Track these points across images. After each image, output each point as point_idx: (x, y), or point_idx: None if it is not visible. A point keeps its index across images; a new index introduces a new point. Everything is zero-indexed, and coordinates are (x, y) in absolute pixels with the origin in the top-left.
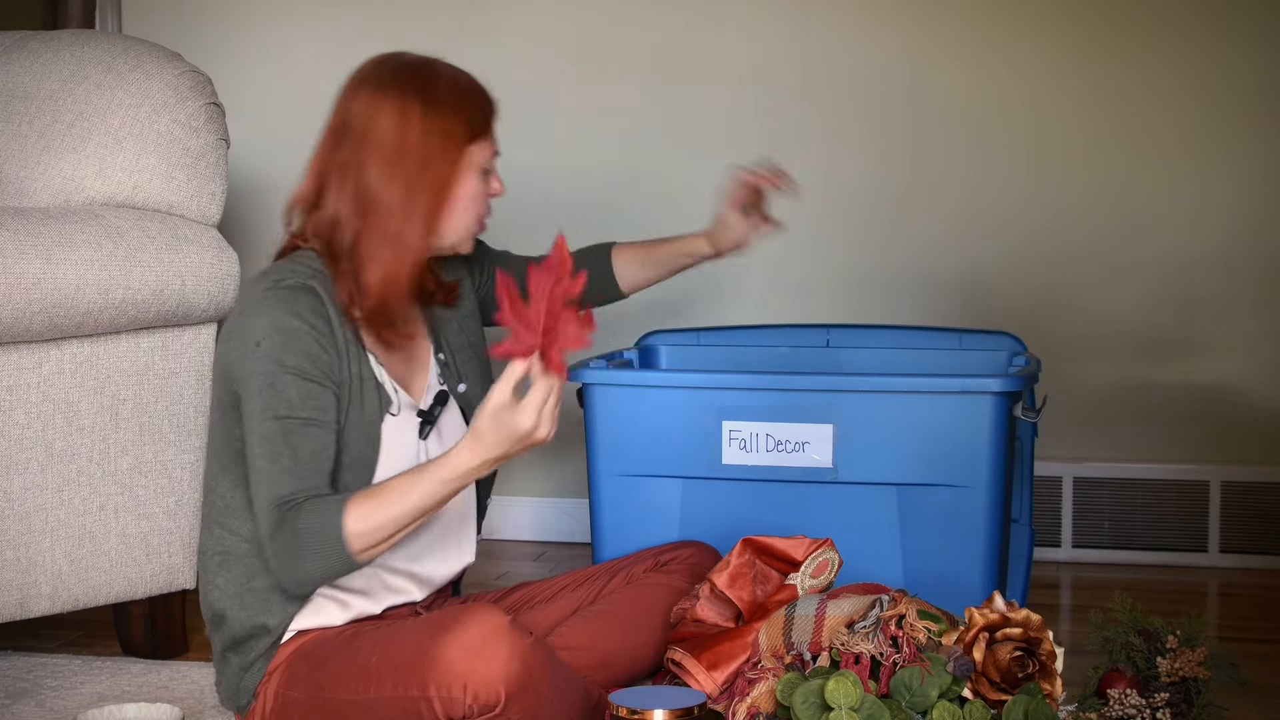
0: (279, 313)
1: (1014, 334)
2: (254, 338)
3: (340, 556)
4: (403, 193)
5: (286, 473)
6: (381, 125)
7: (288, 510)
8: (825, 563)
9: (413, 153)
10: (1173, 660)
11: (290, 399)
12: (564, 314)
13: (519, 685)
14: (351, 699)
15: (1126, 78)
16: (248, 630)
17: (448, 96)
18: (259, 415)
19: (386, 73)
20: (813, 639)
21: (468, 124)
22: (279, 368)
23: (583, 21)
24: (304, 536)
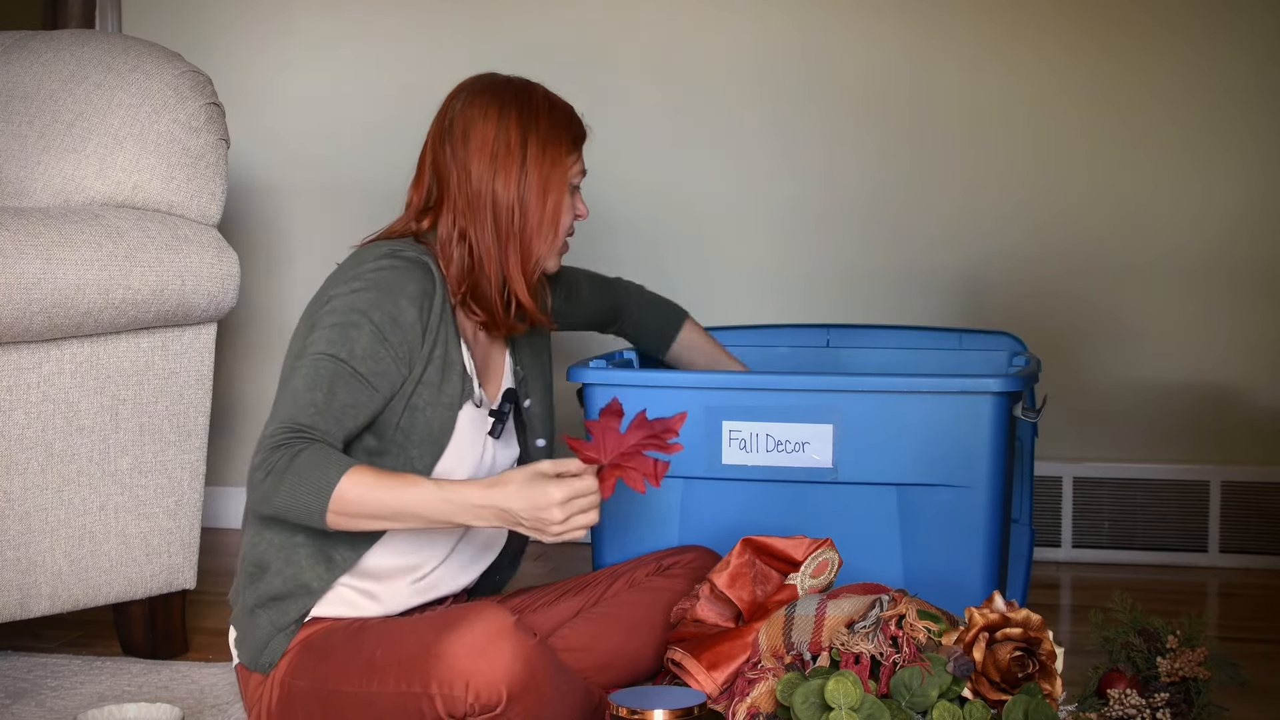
0: (389, 274)
1: (1014, 334)
2: (354, 282)
3: (315, 506)
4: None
5: (314, 406)
6: (486, 129)
7: (297, 438)
8: (825, 563)
9: (516, 155)
10: (1173, 660)
11: (354, 349)
12: (641, 458)
13: (521, 686)
14: (354, 691)
15: (1127, 78)
16: (290, 587)
17: (544, 110)
18: (320, 345)
19: (484, 84)
20: (813, 639)
21: (565, 135)
22: (362, 316)
23: (584, 22)
24: (297, 468)
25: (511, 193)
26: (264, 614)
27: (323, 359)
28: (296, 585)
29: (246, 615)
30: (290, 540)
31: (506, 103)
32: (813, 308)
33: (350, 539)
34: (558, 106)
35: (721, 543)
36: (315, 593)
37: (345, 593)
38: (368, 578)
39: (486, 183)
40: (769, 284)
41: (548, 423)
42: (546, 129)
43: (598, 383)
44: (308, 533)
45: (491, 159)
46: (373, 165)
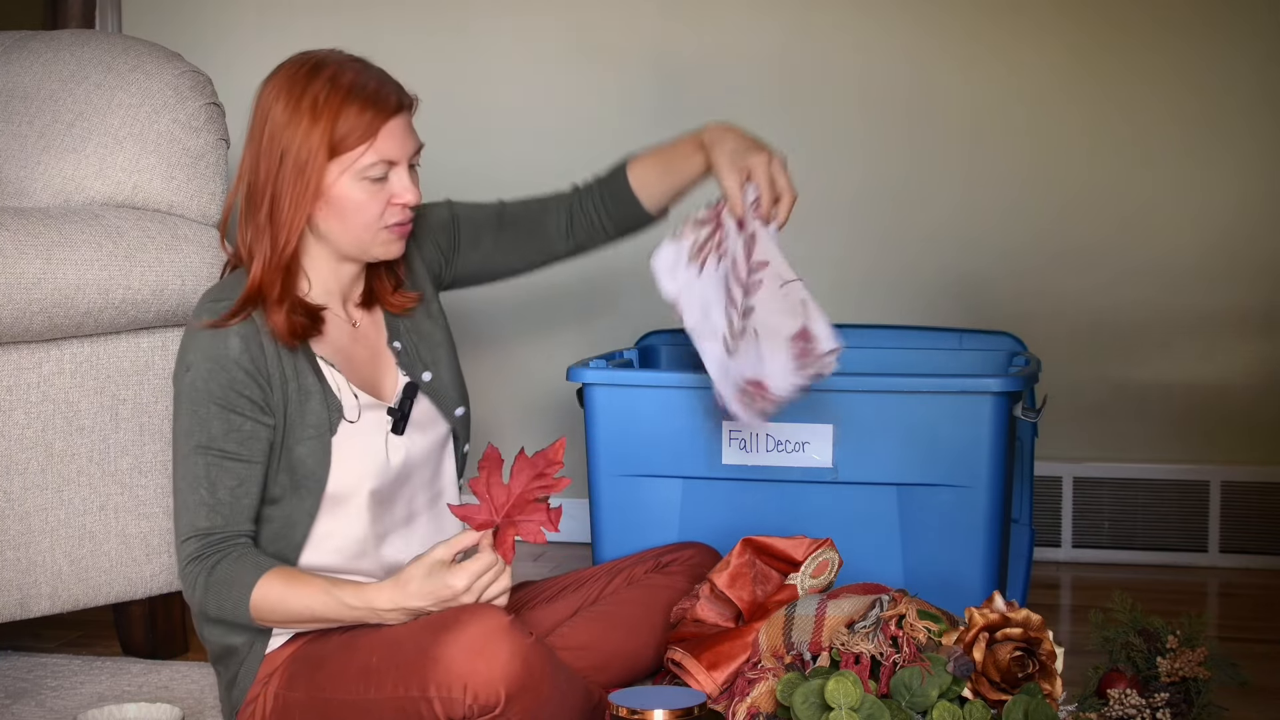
0: (209, 339)
1: (1014, 334)
2: (186, 360)
3: (242, 617)
4: (267, 190)
5: (204, 505)
6: (255, 119)
7: (207, 547)
8: (825, 563)
9: (271, 151)
10: (1173, 660)
11: (212, 431)
12: (533, 506)
13: (519, 685)
14: (351, 699)
15: (1127, 78)
16: (220, 649)
17: (322, 99)
18: (183, 439)
19: (277, 70)
20: (813, 639)
21: (329, 131)
22: (205, 397)
23: (582, 20)
24: (214, 585)
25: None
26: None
27: (189, 455)
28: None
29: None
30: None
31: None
32: None
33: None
34: (340, 91)
35: (721, 542)
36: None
37: None
38: None
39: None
40: None
41: (459, 389)
42: (309, 118)
43: (598, 383)
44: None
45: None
46: None
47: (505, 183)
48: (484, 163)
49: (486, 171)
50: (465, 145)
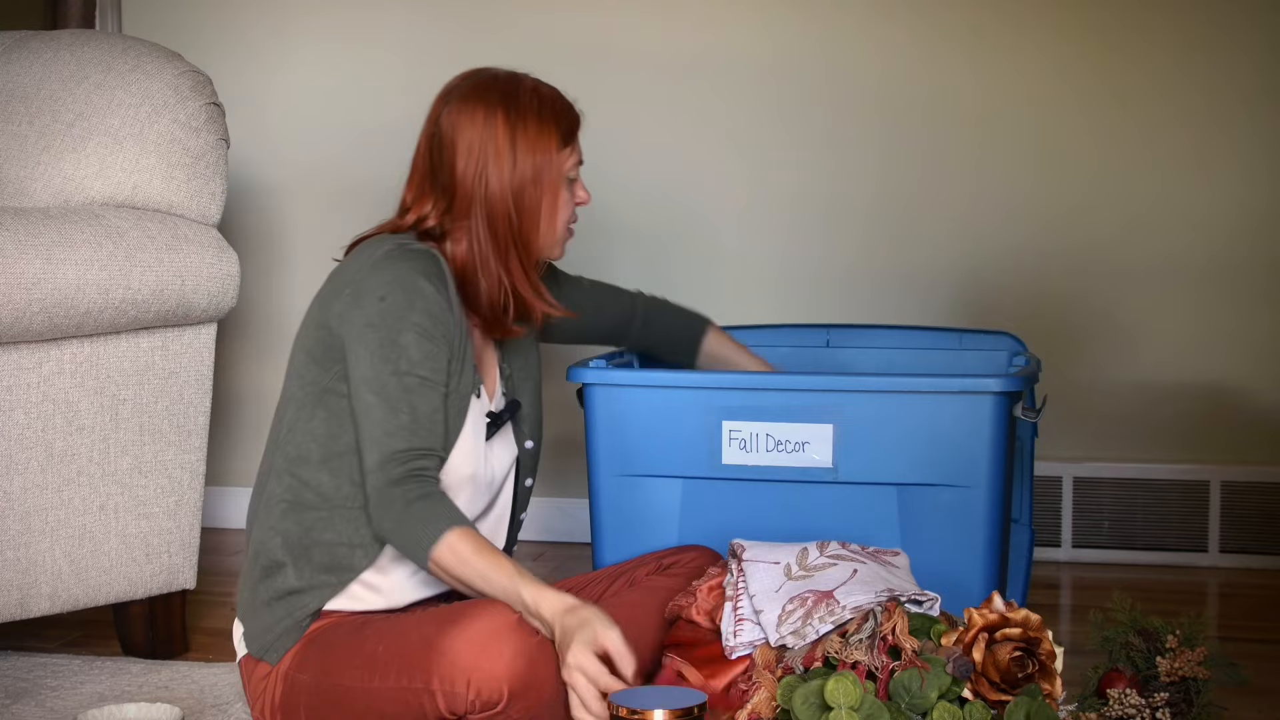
0: (406, 271)
1: (1014, 334)
2: (378, 292)
3: (417, 554)
4: (508, 194)
5: (405, 428)
6: (473, 132)
7: (413, 471)
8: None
9: (505, 155)
10: (1172, 660)
11: (412, 356)
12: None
13: (523, 683)
14: (355, 686)
15: (1128, 78)
16: (306, 583)
17: (532, 106)
18: (377, 366)
19: (471, 85)
20: (806, 656)
21: (555, 130)
22: (403, 323)
23: (586, 19)
24: (406, 515)
25: (505, 194)
26: (279, 607)
27: (387, 378)
28: (312, 583)
29: (261, 608)
30: (312, 538)
31: (492, 104)
32: (813, 308)
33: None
34: (546, 100)
35: (721, 543)
36: (330, 588)
37: (351, 587)
38: (372, 570)
39: (478, 186)
40: (770, 284)
41: (536, 425)
42: (535, 126)
43: (598, 382)
44: (331, 534)
45: (480, 162)
46: (373, 165)
47: None
48: None
49: None
50: None
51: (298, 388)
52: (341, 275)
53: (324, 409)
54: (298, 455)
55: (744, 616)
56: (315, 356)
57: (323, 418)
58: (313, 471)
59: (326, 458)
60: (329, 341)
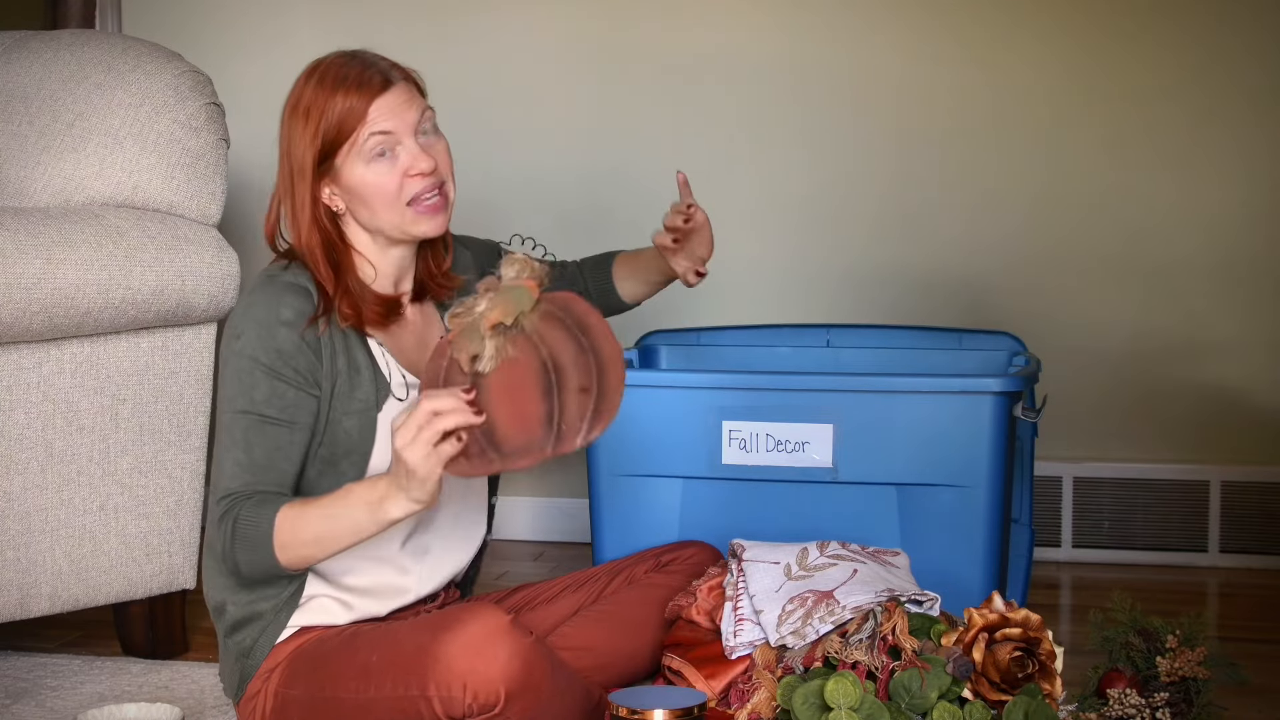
0: (263, 308)
1: (1014, 334)
2: (237, 329)
3: (270, 559)
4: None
5: (238, 466)
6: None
7: (232, 503)
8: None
9: (287, 157)
10: (1172, 660)
11: (254, 396)
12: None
13: (519, 685)
14: (351, 698)
15: (1128, 79)
16: (245, 615)
17: (311, 100)
18: (226, 405)
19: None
20: (806, 656)
21: (319, 124)
22: (252, 362)
23: (588, 21)
24: (240, 531)
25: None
26: (231, 643)
27: (231, 417)
28: (251, 612)
29: (222, 645)
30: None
31: (286, 108)
32: (813, 308)
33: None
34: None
35: (721, 542)
36: (265, 615)
37: (324, 603)
38: (340, 589)
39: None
40: (770, 284)
41: None
42: (302, 119)
43: None
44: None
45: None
46: None
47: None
48: (485, 161)
49: (487, 169)
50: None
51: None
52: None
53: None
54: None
55: (744, 616)
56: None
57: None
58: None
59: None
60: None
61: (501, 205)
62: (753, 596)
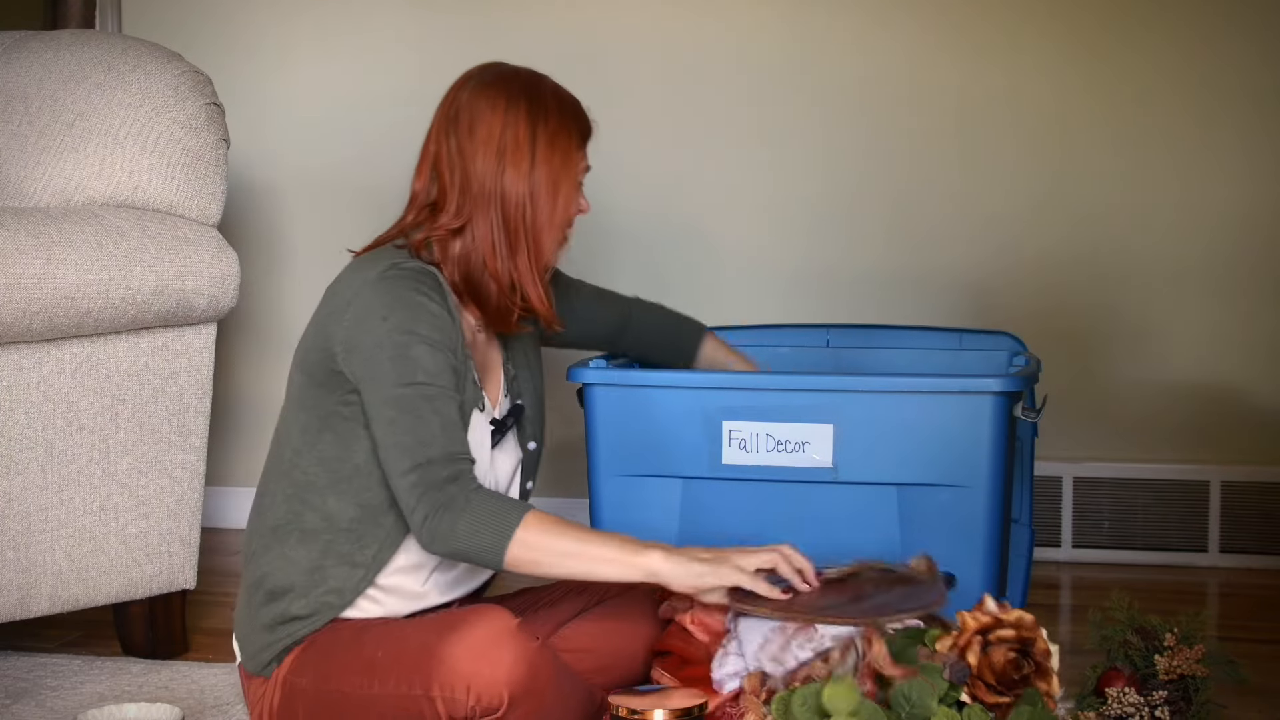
0: (405, 289)
1: (1014, 334)
2: (380, 313)
3: (495, 547)
4: (526, 188)
5: (437, 436)
6: (493, 121)
7: (457, 473)
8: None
9: (525, 149)
10: (1170, 658)
11: (426, 367)
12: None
13: (523, 689)
14: (354, 692)
15: (1128, 79)
16: (314, 608)
17: (554, 104)
18: (392, 384)
19: (493, 74)
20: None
21: (575, 131)
22: (412, 337)
23: (586, 21)
24: (475, 509)
25: (521, 189)
26: (281, 630)
27: (404, 391)
28: (319, 606)
29: (262, 631)
30: (320, 564)
31: (515, 95)
32: (813, 308)
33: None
34: (566, 101)
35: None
36: (331, 609)
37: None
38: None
39: (494, 177)
40: (770, 284)
41: (539, 426)
42: (556, 124)
43: (598, 382)
44: (336, 557)
45: (499, 153)
46: (373, 164)
47: None
48: None
49: None
50: None
51: (300, 411)
52: (338, 296)
53: (330, 432)
54: (305, 481)
55: (730, 652)
56: (318, 380)
57: (329, 440)
58: (319, 496)
59: (334, 482)
60: (331, 365)
61: None
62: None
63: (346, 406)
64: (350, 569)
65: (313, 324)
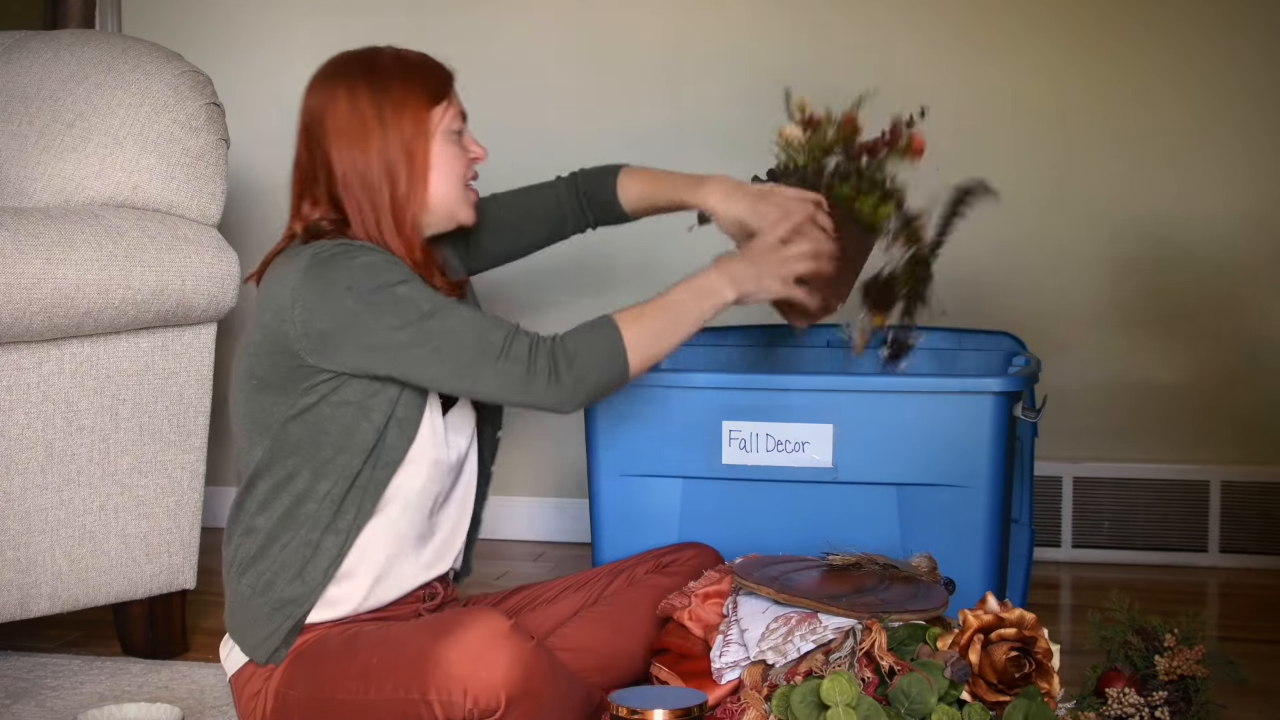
0: (342, 261)
1: (1014, 334)
2: (339, 287)
3: (619, 369)
4: (380, 165)
5: (488, 326)
6: (337, 110)
7: (532, 337)
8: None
9: (373, 125)
10: (1170, 659)
11: (420, 297)
12: None
13: (520, 690)
14: (351, 699)
15: (1128, 79)
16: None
17: (394, 71)
18: (405, 328)
19: (331, 66)
20: (788, 673)
21: (421, 91)
22: (387, 287)
23: (583, 21)
24: (580, 347)
25: (376, 166)
26: (283, 614)
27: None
28: (312, 585)
29: (263, 619)
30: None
31: (352, 77)
32: None
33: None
34: (410, 63)
35: (721, 542)
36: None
37: (345, 586)
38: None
39: (351, 163)
40: None
41: None
42: (400, 92)
43: None
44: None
45: (350, 140)
46: None
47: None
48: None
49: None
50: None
51: (261, 428)
52: (276, 300)
53: (298, 425)
54: (287, 475)
55: (731, 640)
56: (273, 385)
57: (299, 432)
58: (307, 483)
59: (317, 466)
60: (291, 364)
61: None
62: (740, 619)
63: (311, 395)
64: (334, 536)
65: (259, 335)
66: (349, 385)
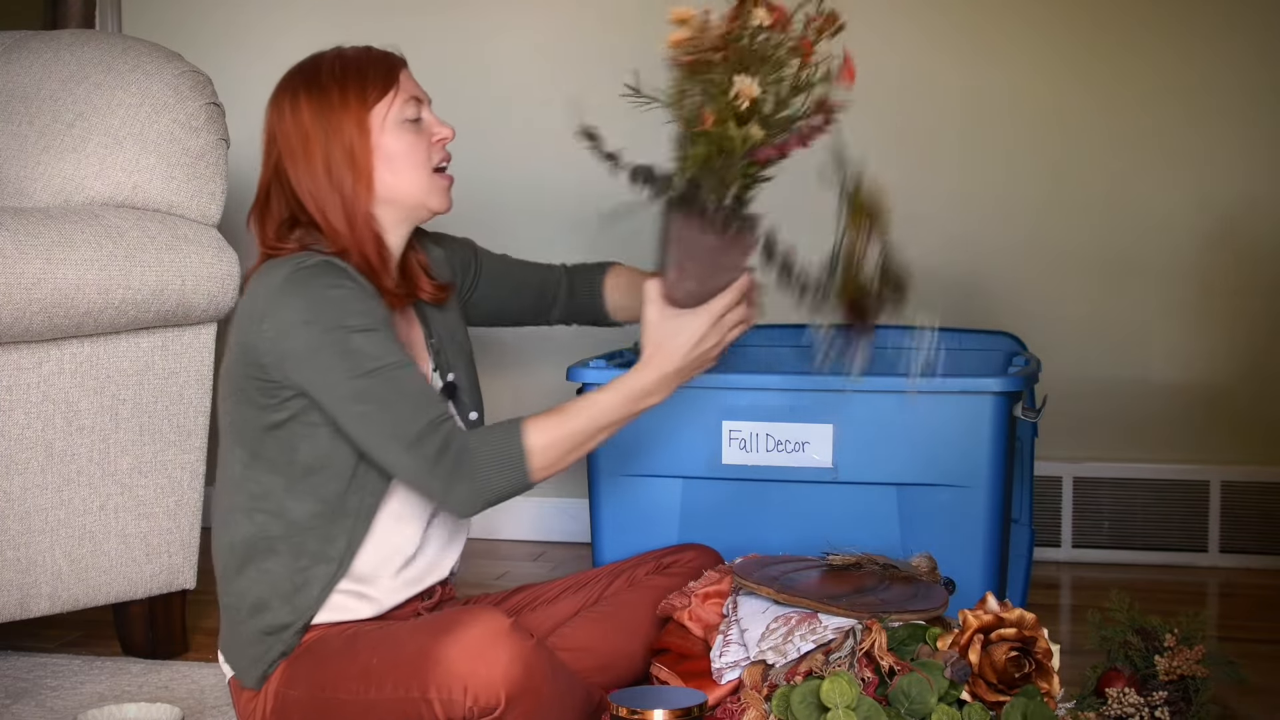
0: (317, 286)
1: (1014, 334)
2: (301, 317)
3: (519, 479)
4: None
5: (410, 412)
6: (284, 126)
7: (446, 434)
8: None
9: (314, 134)
10: (1170, 659)
11: (370, 352)
12: None
13: (520, 688)
14: (351, 699)
15: (1128, 77)
16: (299, 612)
17: (332, 75)
18: (347, 380)
19: (281, 81)
20: (788, 673)
21: (360, 90)
22: (344, 331)
23: (582, 22)
24: (480, 455)
25: (322, 177)
26: (273, 639)
27: (362, 382)
28: (304, 610)
29: (252, 643)
30: (294, 566)
31: (294, 89)
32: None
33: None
34: (349, 62)
35: (721, 542)
36: (310, 609)
37: (337, 599)
38: (356, 579)
39: (300, 177)
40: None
41: (475, 394)
42: (337, 95)
43: (598, 382)
44: (309, 558)
45: (298, 155)
46: None
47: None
48: (482, 164)
49: (484, 173)
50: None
51: (239, 434)
52: (252, 308)
53: (274, 439)
54: (261, 492)
55: (731, 640)
56: (250, 397)
57: (275, 447)
58: (278, 503)
59: (289, 485)
60: (261, 377)
61: (500, 209)
62: (740, 619)
63: (283, 411)
64: (325, 565)
65: (233, 343)
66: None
